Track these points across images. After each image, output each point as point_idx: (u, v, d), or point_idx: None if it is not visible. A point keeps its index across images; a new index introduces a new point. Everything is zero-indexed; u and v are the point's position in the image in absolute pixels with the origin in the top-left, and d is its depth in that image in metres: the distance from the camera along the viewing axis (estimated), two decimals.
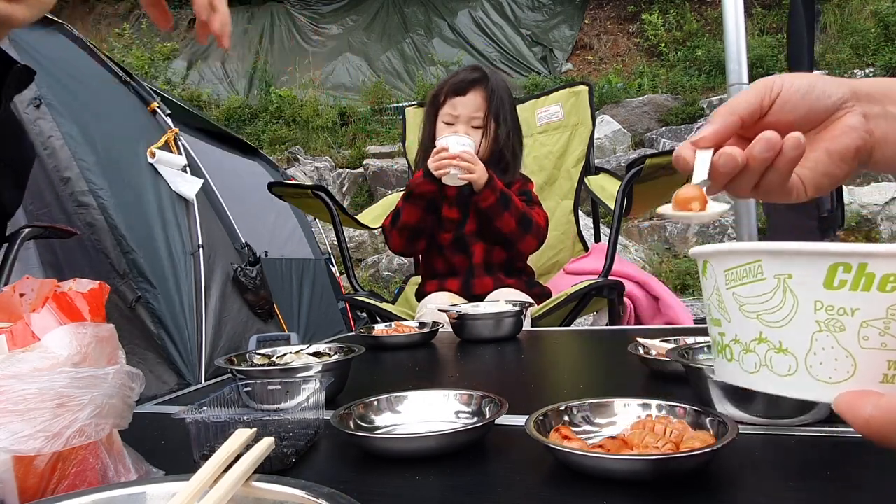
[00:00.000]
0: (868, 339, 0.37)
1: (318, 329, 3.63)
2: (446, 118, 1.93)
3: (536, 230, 1.87)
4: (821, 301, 0.38)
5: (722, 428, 0.54)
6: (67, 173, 2.51)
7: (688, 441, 0.53)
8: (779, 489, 0.51)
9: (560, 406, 0.63)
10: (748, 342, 0.42)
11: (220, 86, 10.43)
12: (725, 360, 0.45)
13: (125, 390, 0.53)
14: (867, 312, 0.37)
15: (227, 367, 0.88)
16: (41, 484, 0.48)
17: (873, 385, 0.37)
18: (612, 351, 1.25)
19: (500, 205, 1.81)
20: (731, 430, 0.53)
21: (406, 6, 10.73)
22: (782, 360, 0.40)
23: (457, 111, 1.91)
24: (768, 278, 0.40)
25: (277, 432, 0.64)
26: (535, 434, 0.55)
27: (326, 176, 7.90)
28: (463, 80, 1.92)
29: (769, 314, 0.40)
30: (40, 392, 0.47)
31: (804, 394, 0.39)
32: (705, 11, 9.45)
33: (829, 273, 0.37)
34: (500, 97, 1.93)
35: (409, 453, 0.62)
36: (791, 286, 0.39)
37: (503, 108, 1.93)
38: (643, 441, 0.54)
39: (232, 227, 3.17)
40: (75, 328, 0.50)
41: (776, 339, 0.40)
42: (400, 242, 1.94)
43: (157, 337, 2.55)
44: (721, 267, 0.43)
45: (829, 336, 0.38)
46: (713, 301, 0.45)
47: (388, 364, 1.21)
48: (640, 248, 5.78)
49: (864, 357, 0.37)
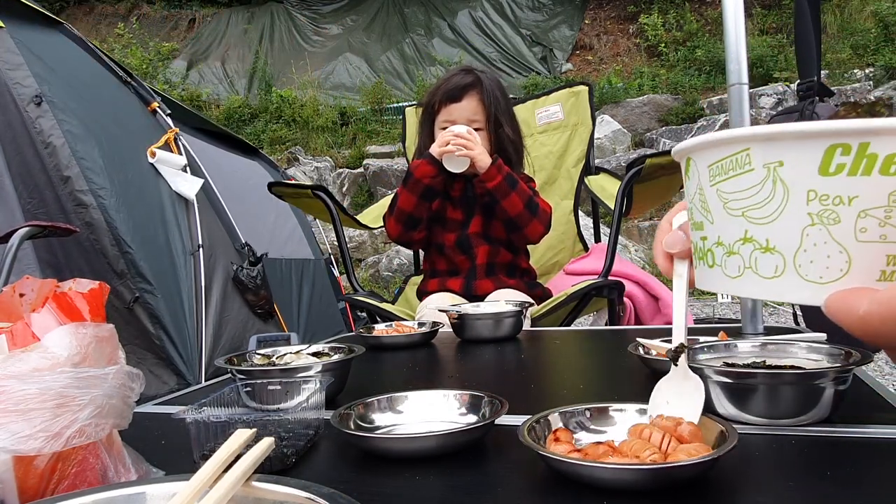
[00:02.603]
0: (866, 231, 0.33)
1: (318, 329, 3.63)
2: (443, 125, 1.91)
3: (543, 215, 1.86)
4: (814, 190, 0.34)
5: (720, 437, 0.53)
6: (67, 172, 2.50)
7: (675, 453, 0.52)
8: (778, 489, 0.51)
9: (554, 411, 0.62)
10: (732, 243, 0.38)
11: (219, 86, 10.45)
12: (707, 266, 0.41)
13: (125, 390, 0.53)
14: (867, 200, 0.32)
15: (227, 368, 0.88)
16: (41, 484, 0.48)
17: (870, 283, 0.33)
18: (612, 351, 1.25)
19: (506, 184, 1.79)
20: (729, 438, 0.51)
21: (406, 6, 10.75)
22: (769, 261, 0.36)
23: (452, 117, 1.89)
24: (756, 168, 0.36)
25: (277, 432, 0.64)
26: (527, 440, 0.54)
27: (326, 176, 7.91)
28: (456, 87, 1.89)
29: (756, 209, 0.36)
30: (40, 392, 0.47)
31: (791, 295, 0.35)
32: (705, 11, 9.46)
33: (825, 157, 0.33)
34: (496, 97, 1.91)
35: (409, 453, 0.62)
36: (781, 175, 0.35)
37: (499, 108, 1.91)
38: (632, 449, 0.53)
39: (232, 227, 3.17)
40: (75, 328, 0.50)
41: (762, 238, 0.36)
42: (396, 228, 1.91)
43: (155, 337, 2.55)
44: (705, 162, 0.39)
45: (822, 229, 0.34)
46: (696, 203, 0.41)
47: (389, 364, 1.21)
48: (640, 248, 5.78)
49: (861, 251, 0.33)
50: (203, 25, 11.37)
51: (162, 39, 11.02)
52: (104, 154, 2.61)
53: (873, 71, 6.97)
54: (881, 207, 0.32)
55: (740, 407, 0.66)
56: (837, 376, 0.64)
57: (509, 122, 1.94)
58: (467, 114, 1.89)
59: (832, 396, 0.64)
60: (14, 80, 2.50)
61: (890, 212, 0.32)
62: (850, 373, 0.66)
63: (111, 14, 11.61)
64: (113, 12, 11.62)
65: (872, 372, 2.91)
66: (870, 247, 0.33)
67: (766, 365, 0.72)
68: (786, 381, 0.65)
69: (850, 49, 7.47)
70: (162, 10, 11.67)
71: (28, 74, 2.51)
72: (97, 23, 11.43)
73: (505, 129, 1.92)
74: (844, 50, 7.49)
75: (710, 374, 0.68)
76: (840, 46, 7.61)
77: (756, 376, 0.66)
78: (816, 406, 0.64)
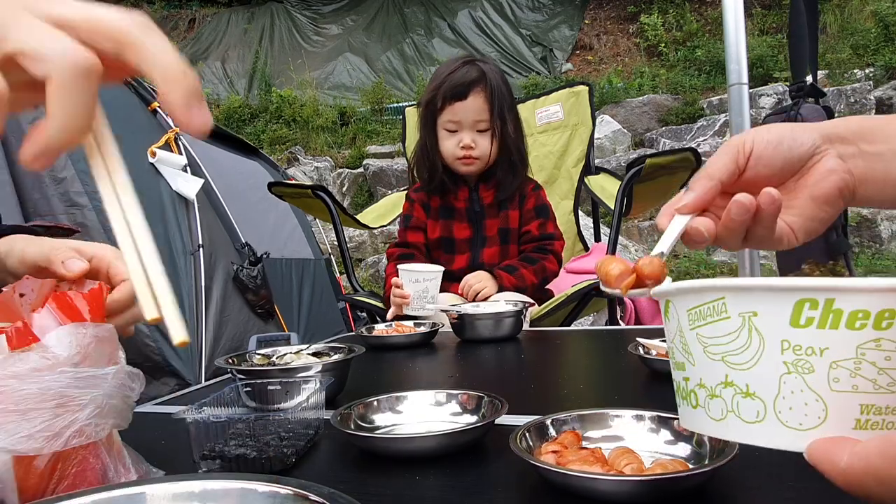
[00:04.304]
0: (839, 381, 0.34)
1: (318, 329, 3.63)
2: (448, 126, 1.84)
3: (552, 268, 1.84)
4: (787, 340, 0.35)
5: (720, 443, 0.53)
6: (63, 174, 2.49)
7: (652, 467, 0.51)
8: (779, 491, 0.51)
9: (548, 418, 0.61)
10: (713, 386, 0.39)
11: (219, 85, 10.44)
12: (690, 406, 0.42)
13: (125, 390, 0.53)
14: (837, 352, 0.34)
15: (227, 367, 0.88)
16: (41, 484, 0.48)
17: (846, 431, 0.35)
18: (613, 351, 1.24)
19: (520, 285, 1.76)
20: (728, 448, 0.51)
21: (406, 6, 10.74)
22: (750, 406, 0.37)
23: (458, 117, 1.81)
24: (732, 317, 0.37)
25: (277, 432, 0.64)
26: (517, 448, 0.54)
27: (326, 176, 7.90)
28: (461, 83, 1.79)
29: (734, 355, 0.38)
30: (40, 392, 0.47)
31: (773, 442, 0.37)
32: (705, 11, 9.45)
33: (794, 310, 0.35)
34: (502, 93, 1.82)
35: (409, 453, 0.62)
36: (756, 325, 0.36)
37: (505, 103, 1.83)
38: (617, 460, 0.52)
39: (232, 227, 3.17)
40: (75, 328, 0.50)
41: (742, 383, 0.37)
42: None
43: (150, 339, 2.52)
44: (684, 306, 0.41)
45: (798, 378, 0.35)
46: (676, 344, 0.42)
47: (389, 364, 1.21)
48: (640, 247, 5.78)
49: (836, 400, 0.35)
50: (203, 25, 11.36)
51: None
52: None
53: (873, 71, 6.96)
54: (850, 359, 0.34)
55: None
56: None
57: (513, 120, 1.87)
58: (473, 113, 1.81)
59: None
60: None
61: (859, 363, 0.34)
62: None
63: None
64: None
65: None
66: (843, 396, 0.34)
67: None
68: None
69: (850, 49, 7.46)
70: (162, 10, 11.65)
71: None
72: None
73: (511, 127, 1.84)
74: (844, 50, 7.48)
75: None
76: (840, 46, 7.60)
77: None
78: None
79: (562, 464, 0.52)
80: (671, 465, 0.51)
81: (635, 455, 0.53)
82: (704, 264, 5.88)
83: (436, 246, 1.92)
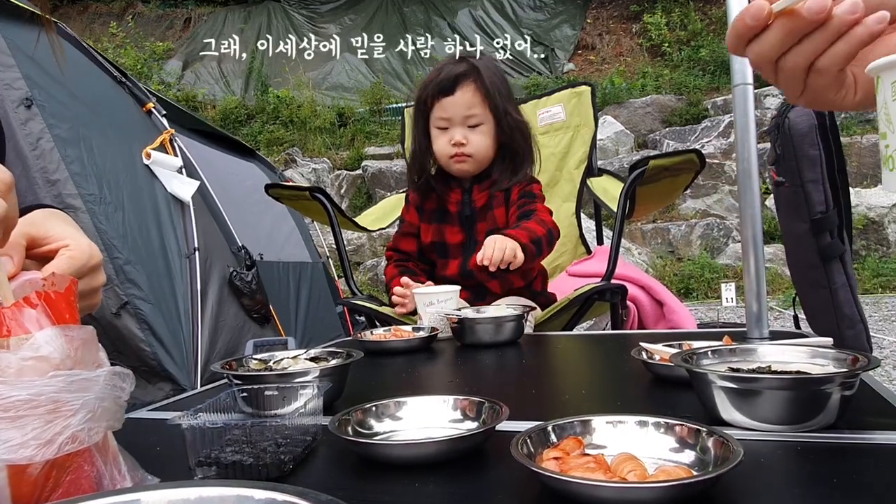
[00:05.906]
0: None
1: (316, 333, 3.61)
2: (438, 123, 1.77)
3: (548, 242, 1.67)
4: None
5: (724, 451, 0.52)
6: (56, 176, 2.46)
7: (656, 474, 0.51)
8: (784, 497, 0.51)
9: (549, 424, 0.60)
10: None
11: (215, 86, 10.43)
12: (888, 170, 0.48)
13: (116, 391, 0.52)
14: None
15: (224, 373, 0.87)
16: (35, 492, 0.48)
17: None
18: (615, 356, 1.24)
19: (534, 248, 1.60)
20: (734, 454, 0.50)
21: (405, 5, 10.74)
22: None
23: (447, 113, 1.74)
24: None
25: (274, 438, 0.63)
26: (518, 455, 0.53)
27: (324, 177, 7.91)
28: (447, 78, 1.72)
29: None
30: (31, 398, 0.46)
31: None
32: (709, 10, 9.45)
33: None
34: (494, 84, 1.74)
35: (408, 460, 0.61)
36: None
37: (500, 96, 1.74)
38: (620, 466, 0.52)
39: (228, 230, 3.15)
40: (63, 331, 0.49)
41: None
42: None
43: (146, 343, 2.48)
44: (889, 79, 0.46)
45: None
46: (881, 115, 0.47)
47: (387, 369, 1.20)
48: (643, 250, 5.78)
49: None
50: (199, 24, 11.35)
51: (157, 39, 10.99)
52: (97, 156, 2.58)
53: None
54: None
55: (745, 413, 0.65)
56: (844, 381, 0.63)
57: (512, 113, 1.78)
58: (462, 108, 1.74)
59: (838, 402, 0.64)
60: (4, 81, 2.46)
61: None
62: (857, 378, 0.65)
63: (105, 13, 11.57)
64: (107, 11, 11.59)
65: (879, 377, 2.90)
66: None
67: (772, 370, 0.71)
68: (791, 386, 0.64)
69: None
70: (157, 9, 11.64)
71: (18, 76, 2.47)
72: (91, 22, 11.40)
73: (507, 120, 1.77)
74: None
75: (715, 379, 0.67)
76: None
77: (761, 381, 0.65)
78: (822, 412, 0.64)
79: (564, 470, 0.51)
80: (675, 472, 0.51)
81: (638, 462, 0.53)
82: (709, 267, 5.88)
83: (430, 250, 1.88)
